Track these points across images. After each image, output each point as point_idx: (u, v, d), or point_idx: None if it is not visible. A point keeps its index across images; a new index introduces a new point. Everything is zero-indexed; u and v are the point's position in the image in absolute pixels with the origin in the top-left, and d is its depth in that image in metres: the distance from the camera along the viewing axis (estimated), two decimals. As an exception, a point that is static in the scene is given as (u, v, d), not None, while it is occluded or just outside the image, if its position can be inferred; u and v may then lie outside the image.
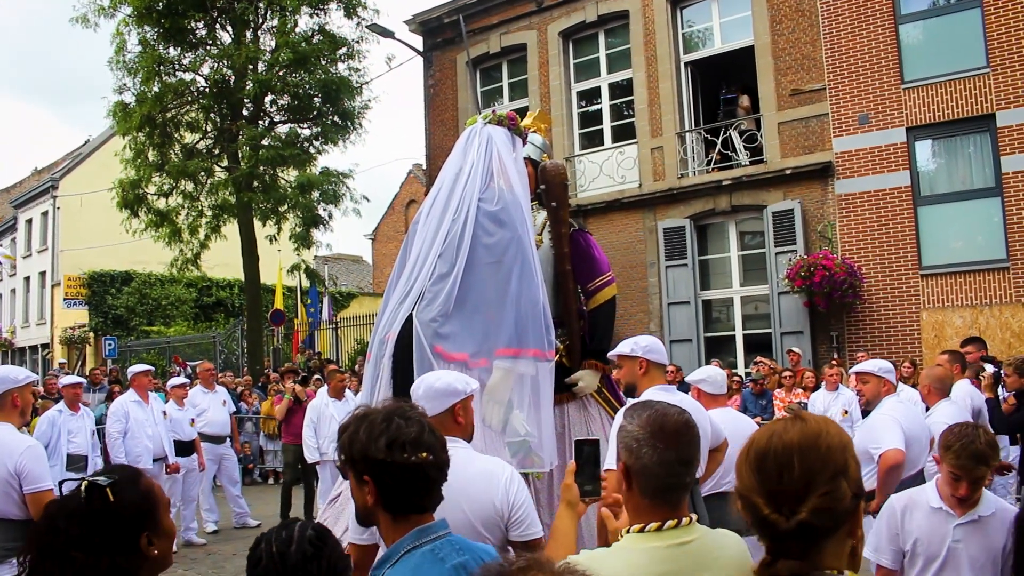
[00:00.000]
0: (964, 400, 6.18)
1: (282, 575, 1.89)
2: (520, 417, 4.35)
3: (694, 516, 2.20)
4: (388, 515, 2.21)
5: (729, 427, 4.62)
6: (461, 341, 4.41)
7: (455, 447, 2.98)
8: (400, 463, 2.13)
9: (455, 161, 5.00)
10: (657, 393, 4.12)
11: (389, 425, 2.17)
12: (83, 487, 1.93)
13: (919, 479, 5.14)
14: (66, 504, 1.94)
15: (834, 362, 11.97)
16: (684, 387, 5.32)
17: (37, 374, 16.43)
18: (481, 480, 2.91)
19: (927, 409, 5.88)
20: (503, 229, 4.61)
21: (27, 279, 36.95)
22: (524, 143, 5.18)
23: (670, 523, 2.13)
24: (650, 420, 2.19)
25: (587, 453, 2.80)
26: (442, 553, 2.17)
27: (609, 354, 4.69)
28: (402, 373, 4.40)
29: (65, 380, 9.25)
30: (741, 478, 1.66)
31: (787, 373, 12.13)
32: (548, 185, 5.11)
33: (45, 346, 34.76)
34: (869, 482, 5.07)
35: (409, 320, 4.45)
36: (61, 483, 2.08)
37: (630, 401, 4.35)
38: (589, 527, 4.84)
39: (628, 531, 2.16)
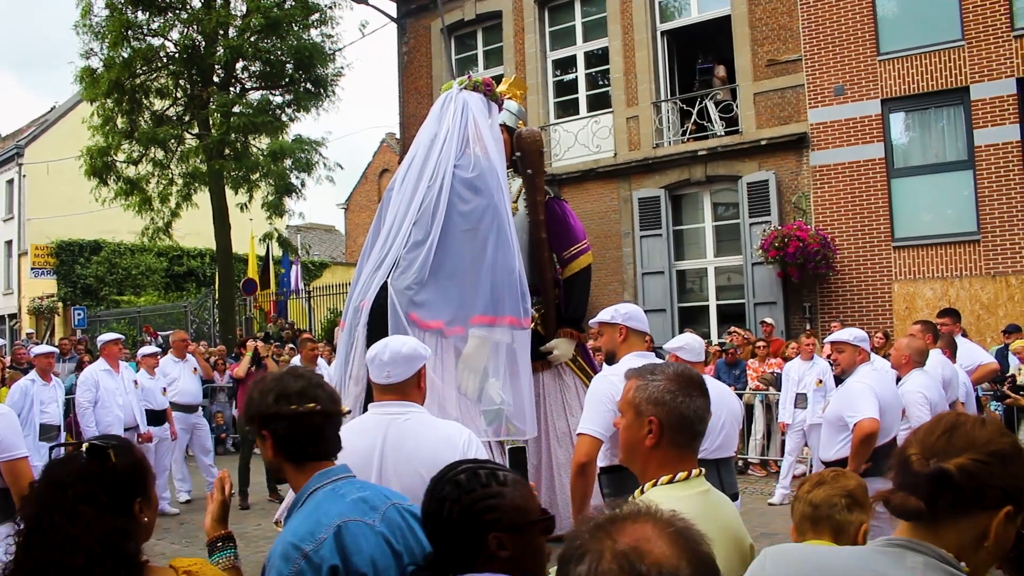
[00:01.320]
0: (935, 370, 6.23)
1: (424, 517, 2.04)
2: (496, 385, 4.32)
3: (700, 468, 2.28)
4: (290, 465, 2.36)
5: (711, 394, 4.62)
6: (436, 309, 4.37)
7: (412, 411, 2.97)
8: (287, 414, 2.30)
9: (430, 127, 4.95)
10: (636, 360, 4.09)
11: (278, 383, 2.36)
12: (84, 448, 2.08)
13: (892, 448, 5.19)
14: (69, 463, 2.07)
15: (808, 331, 12.06)
16: (659, 356, 5.30)
17: (4, 340, 16.20)
18: (439, 444, 2.88)
19: (899, 379, 5.93)
20: (479, 196, 4.56)
21: (-7, 248, 36.35)
22: (500, 109, 5.11)
23: (696, 472, 2.24)
24: (677, 373, 2.31)
25: (518, 456, 2.81)
26: (342, 490, 2.30)
27: (590, 321, 4.67)
28: (376, 341, 4.37)
29: (38, 349, 9.11)
30: (907, 440, 1.64)
31: (761, 343, 12.21)
32: (524, 152, 5.06)
33: (13, 316, 34.26)
34: (843, 450, 5.11)
35: (384, 288, 4.41)
36: (51, 448, 2.24)
37: (607, 367, 4.34)
38: (564, 497, 4.84)
39: (656, 483, 2.21)
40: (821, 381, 9.58)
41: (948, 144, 13.34)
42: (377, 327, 4.32)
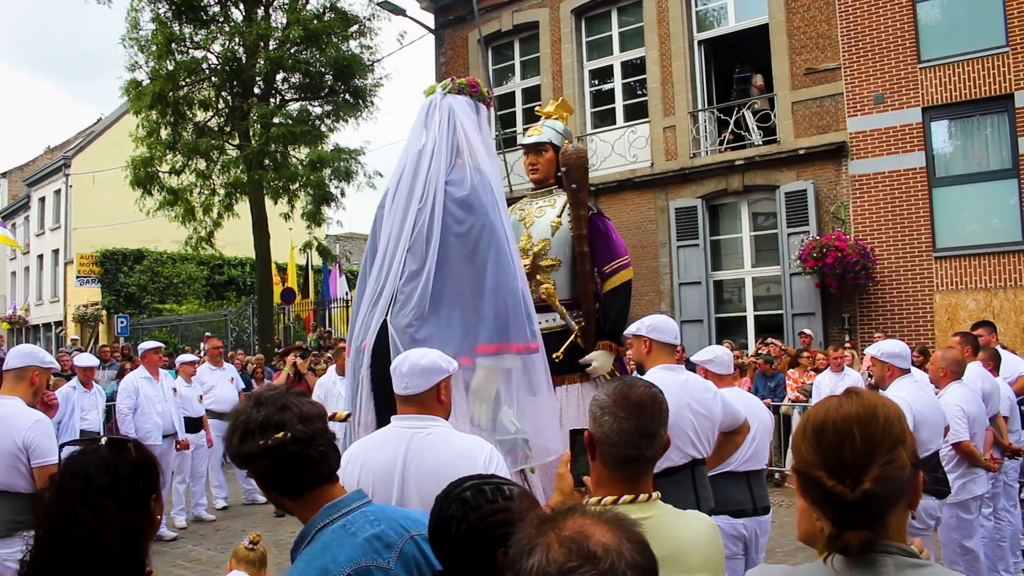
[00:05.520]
0: (975, 382, 6.11)
1: (431, 535, 2.03)
2: (510, 414, 4.19)
3: (656, 494, 2.20)
4: (288, 498, 2.17)
5: (741, 407, 4.59)
6: (440, 343, 4.05)
7: (435, 425, 2.96)
8: (257, 451, 2.07)
9: (415, 138, 4.71)
10: (661, 372, 4.08)
11: (240, 419, 2.13)
12: (104, 441, 2.06)
13: (932, 461, 5.10)
14: (91, 456, 2.04)
15: (847, 344, 11.88)
16: (690, 367, 5.27)
17: (51, 352, 16.52)
18: (460, 458, 2.86)
19: (937, 391, 5.83)
20: (472, 215, 4.33)
21: (40, 257, 37.14)
22: (489, 108, 4.96)
23: (626, 498, 2.14)
24: (616, 390, 2.23)
25: (582, 442, 2.75)
26: (353, 527, 2.10)
27: (623, 333, 4.65)
28: (383, 385, 4.07)
29: (80, 360, 9.29)
30: (799, 455, 1.64)
31: (806, 354, 12.04)
32: (568, 168, 5.05)
33: (58, 324, 34.97)
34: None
35: (384, 326, 4.22)
36: (62, 446, 2.17)
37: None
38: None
39: (587, 503, 2.17)
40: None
41: (992, 152, 13.11)
42: (381, 369, 4.08)
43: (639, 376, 2.89)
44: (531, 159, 5.37)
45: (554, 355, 4.93)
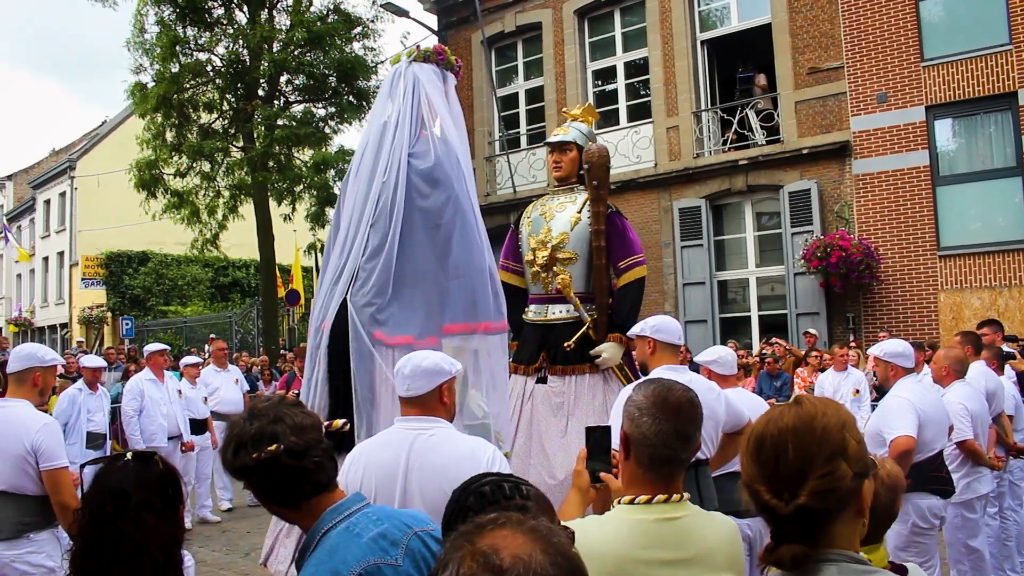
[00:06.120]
0: (979, 381, 6.10)
1: (445, 527, 2.02)
2: (477, 397, 4.14)
3: (686, 495, 2.22)
4: (286, 508, 2.15)
5: (745, 407, 4.60)
6: (403, 323, 4.03)
7: (437, 427, 2.95)
8: (249, 465, 2.04)
9: (379, 110, 4.55)
10: (666, 372, 4.09)
11: (233, 432, 2.11)
12: (129, 456, 2.08)
13: (936, 461, 5.10)
14: (123, 471, 2.06)
15: (852, 344, 11.86)
16: (693, 367, 5.29)
17: (56, 352, 16.54)
18: (463, 460, 2.86)
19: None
20: (437, 188, 4.20)
21: (45, 259, 37.20)
22: (458, 77, 4.76)
23: (660, 498, 2.17)
24: (654, 392, 2.25)
25: (597, 439, 2.74)
26: (358, 528, 2.08)
27: (627, 333, 4.68)
28: (339, 366, 4.00)
29: (88, 361, 9.29)
30: (743, 467, 1.64)
31: (814, 353, 12.02)
32: (591, 166, 5.14)
33: (64, 326, 35.02)
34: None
35: (344, 305, 4.05)
36: (83, 465, 2.18)
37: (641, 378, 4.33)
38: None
39: (619, 502, 2.21)
40: (858, 391, 9.48)
41: (996, 150, 13.10)
42: (340, 350, 3.97)
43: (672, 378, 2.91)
44: (555, 157, 5.45)
45: (565, 344, 5.02)
